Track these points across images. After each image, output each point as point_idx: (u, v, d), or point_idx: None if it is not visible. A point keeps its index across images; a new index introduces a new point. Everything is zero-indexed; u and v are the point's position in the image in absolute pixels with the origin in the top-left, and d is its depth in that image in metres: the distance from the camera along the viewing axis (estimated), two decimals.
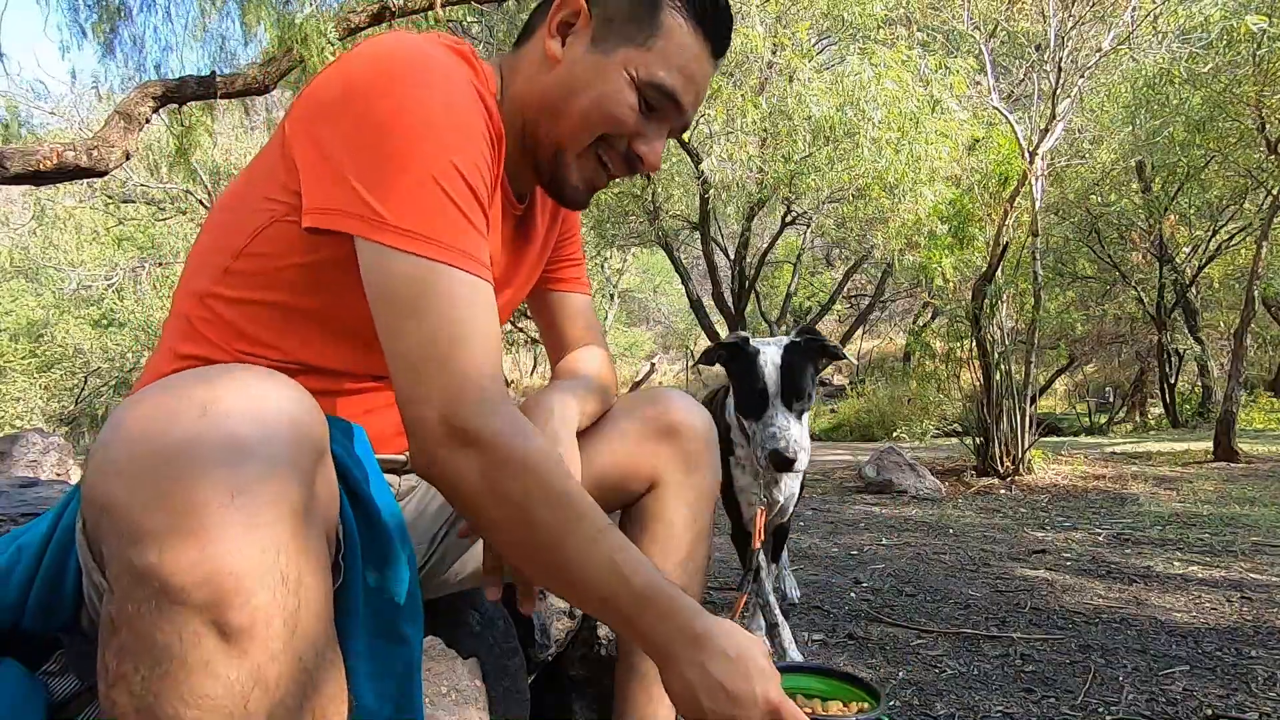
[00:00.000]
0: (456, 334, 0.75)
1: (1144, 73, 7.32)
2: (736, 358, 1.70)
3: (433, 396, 0.75)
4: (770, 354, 1.63)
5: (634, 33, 0.90)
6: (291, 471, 0.60)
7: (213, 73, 5.23)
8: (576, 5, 0.91)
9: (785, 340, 1.68)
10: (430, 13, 5.47)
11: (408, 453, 0.99)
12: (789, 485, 1.91)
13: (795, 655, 1.86)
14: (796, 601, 2.44)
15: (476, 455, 0.75)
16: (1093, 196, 11.05)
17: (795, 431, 1.58)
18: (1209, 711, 1.54)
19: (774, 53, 7.70)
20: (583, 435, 1.06)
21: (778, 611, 1.92)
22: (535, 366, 21.60)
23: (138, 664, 0.55)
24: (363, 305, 0.78)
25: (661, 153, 0.97)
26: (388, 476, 0.98)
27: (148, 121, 5.13)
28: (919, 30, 8.09)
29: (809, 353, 1.66)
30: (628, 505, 1.12)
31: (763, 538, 1.72)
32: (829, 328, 20.52)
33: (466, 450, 0.75)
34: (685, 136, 8.24)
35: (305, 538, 0.61)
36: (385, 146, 0.75)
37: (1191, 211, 11.38)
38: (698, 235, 11.24)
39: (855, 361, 17.61)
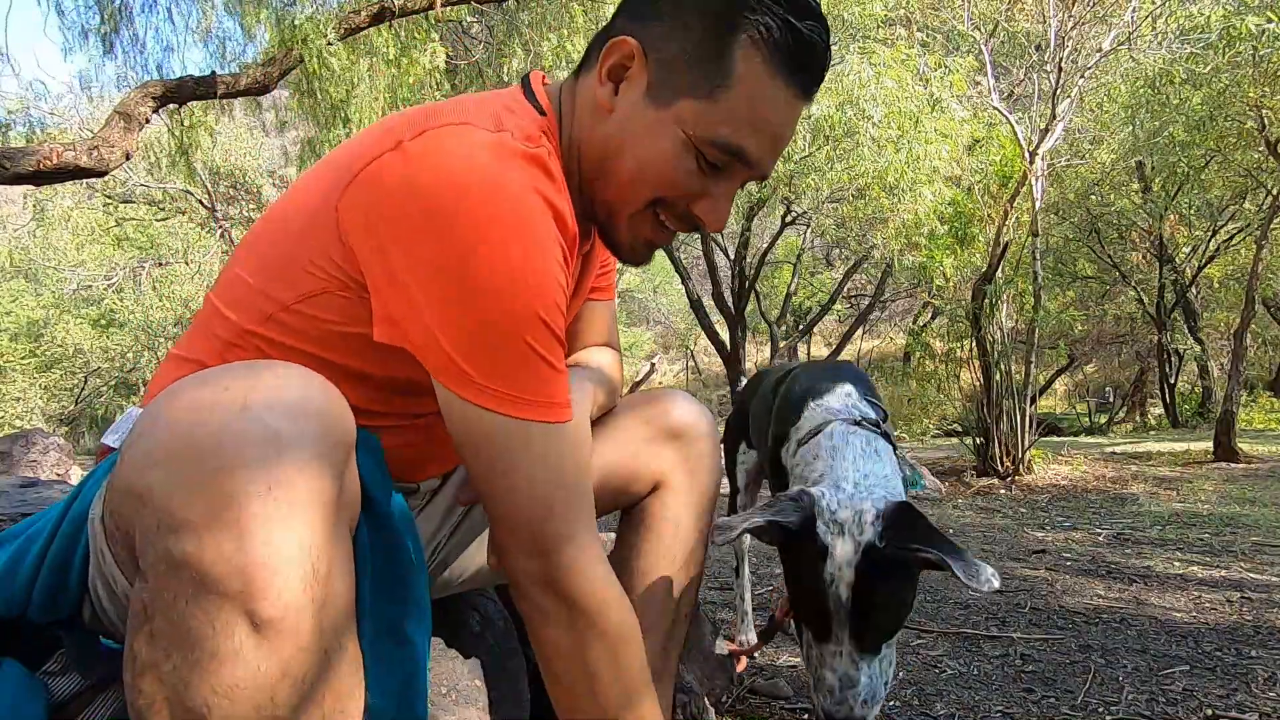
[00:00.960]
0: (547, 493, 0.77)
1: (1144, 73, 7.33)
2: (789, 546, 1.11)
3: (529, 549, 0.78)
4: (843, 553, 1.06)
5: (698, 82, 0.79)
6: (325, 466, 0.60)
7: (213, 73, 5.23)
8: (629, 49, 0.81)
9: (868, 537, 1.05)
10: (430, 13, 5.47)
11: (428, 479, 1.00)
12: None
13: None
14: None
15: (568, 611, 0.79)
16: (1093, 196, 11.07)
17: (864, 684, 1.09)
18: (1209, 711, 1.54)
19: None
20: None
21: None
22: None
23: (169, 652, 0.56)
24: (421, 372, 0.76)
25: (728, 212, 0.86)
26: None
27: (148, 121, 5.13)
28: (919, 30, 8.09)
29: (900, 566, 1.07)
30: (630, 506, 1.12)
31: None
32: (829, 327, 20.54)
33: (558, 601, 0.79)
34: None
35: (335, 532, 0.61)
36: (466, 297, 0.72)
37: (1191, 211, 11.39)
38: (698, 235, 11.25)
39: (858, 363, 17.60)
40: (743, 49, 0.78)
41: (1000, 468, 5.39)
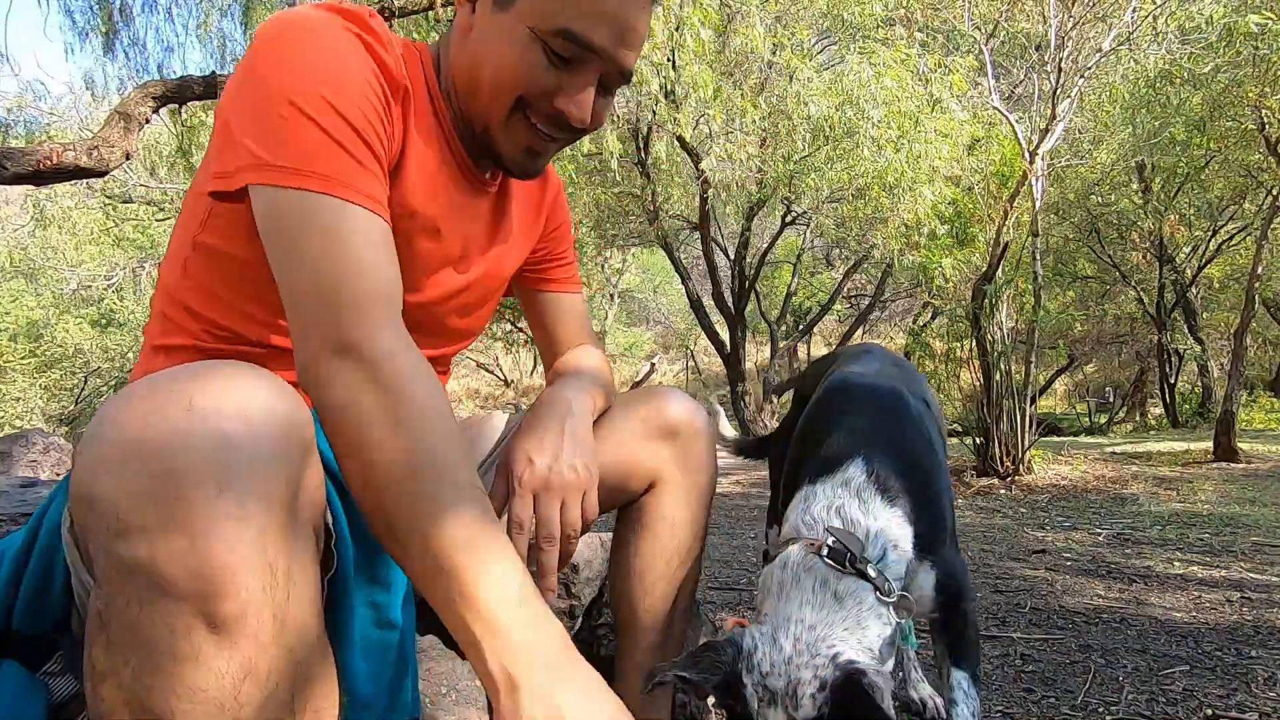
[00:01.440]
0: (335, 270, 0.73)
1: (1144, 73, 7.33)
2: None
3: (318, 321, 0.73)
4: None
5: None
6: (278, 465, 0.60)
7: (213, 73, 5.23)
8: None
9: (806, 715, 0.87)
10: (430, 13, 5.46)
11: None
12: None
13: None
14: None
15: (352, 366, 0.71)
16: (1093, 196, 11.06)
17: None
18: (1209, 711, 1.54)
19: (774, 53, 7.70)
20: None
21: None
22: (535, 366, 21.60)
23: (127, 658, 0.55)
24: None
25: (590, 104, 0.88)
26: None
27: (148, 121, 5.12)
28: (919, 30, 8.09)
29: None
30: (627, 504, 1.12)
31: None
32: (829, 327, 20.52)
33: (343, 360, 0.71)
34: (685, 136, 8.24)
35: (294, 530, 0.61)
36: (262, 93, 0.76)
37: (1191, 211, 11.38)
38: (698, 235, 11.25)
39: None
40: None
41: (1000, 468, 5.39)
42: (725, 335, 12.28)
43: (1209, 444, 6.45)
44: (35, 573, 0.74)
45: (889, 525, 1.03)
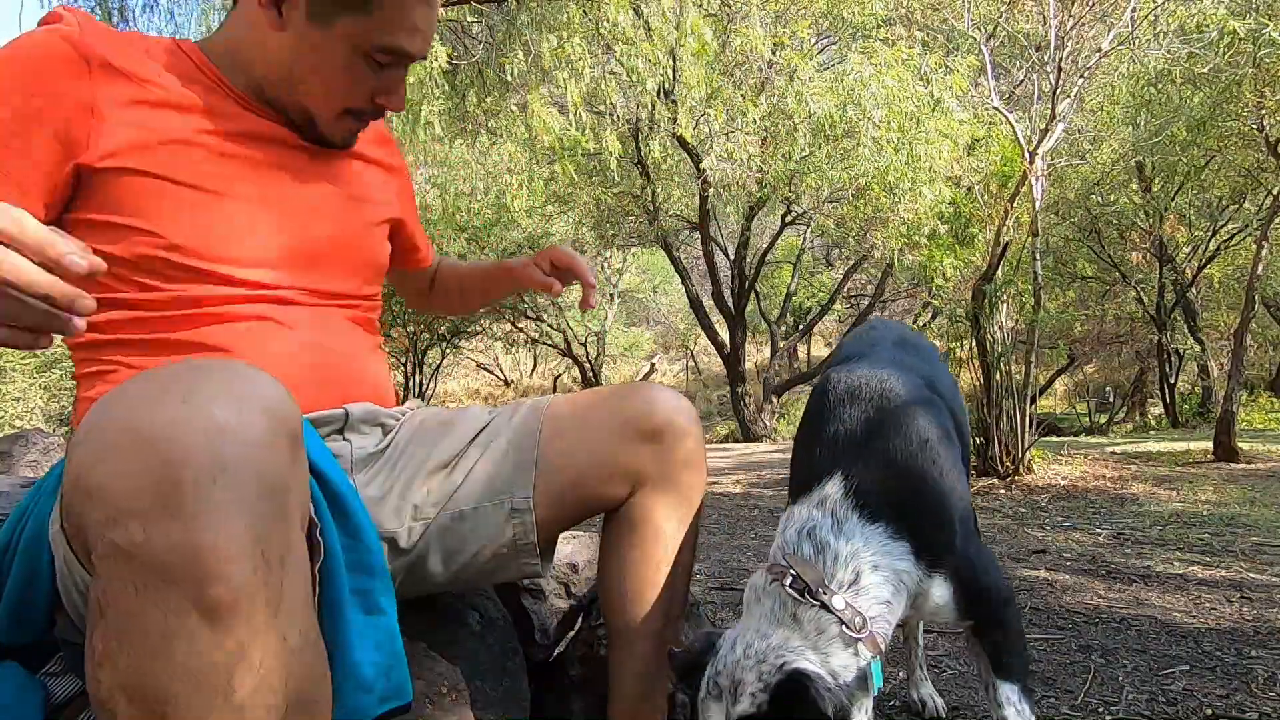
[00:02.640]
0: None
1: (1144, 73, 7.33)
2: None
3: None
4: None
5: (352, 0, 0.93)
6: (272, 454, 0.61)
7: None
8: None
9: (743, 709, 0.90)
10: None
11: (345, 408, 1.03)
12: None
13: None
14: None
15: None
16: (1093, 196, 11.05)
17: None
18: (1209, 711, 1.54)
19: (774, 52, 7.70)
20: (559, 435, 1.05)
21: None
22: (535, 366, 21.60)
23: (122, 642, 0.56)
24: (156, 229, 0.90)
25: (404, 93, 1.03)
26: (333, 447, 1.00)
27: None
28: (919, 30, 8.09)
29: None
30: (613, 509, 1.09)
31: None
32: (829, 327, 20.53)
33: None
34: (686, 136, 8.24)
35: (286, 518, 0.62)
36: None
37: (1191, 211, 11.38)
38: (698, 235, 11.25)
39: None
40: None
41: (1000, 468, 5.39)
42: (725, 335, 12.29)
43: (1209, 444, 6.44)
44: (18, 582, 0.74)
45: (866, 545, 0.97)
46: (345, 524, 0.77)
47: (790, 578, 0.94)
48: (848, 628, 0.92)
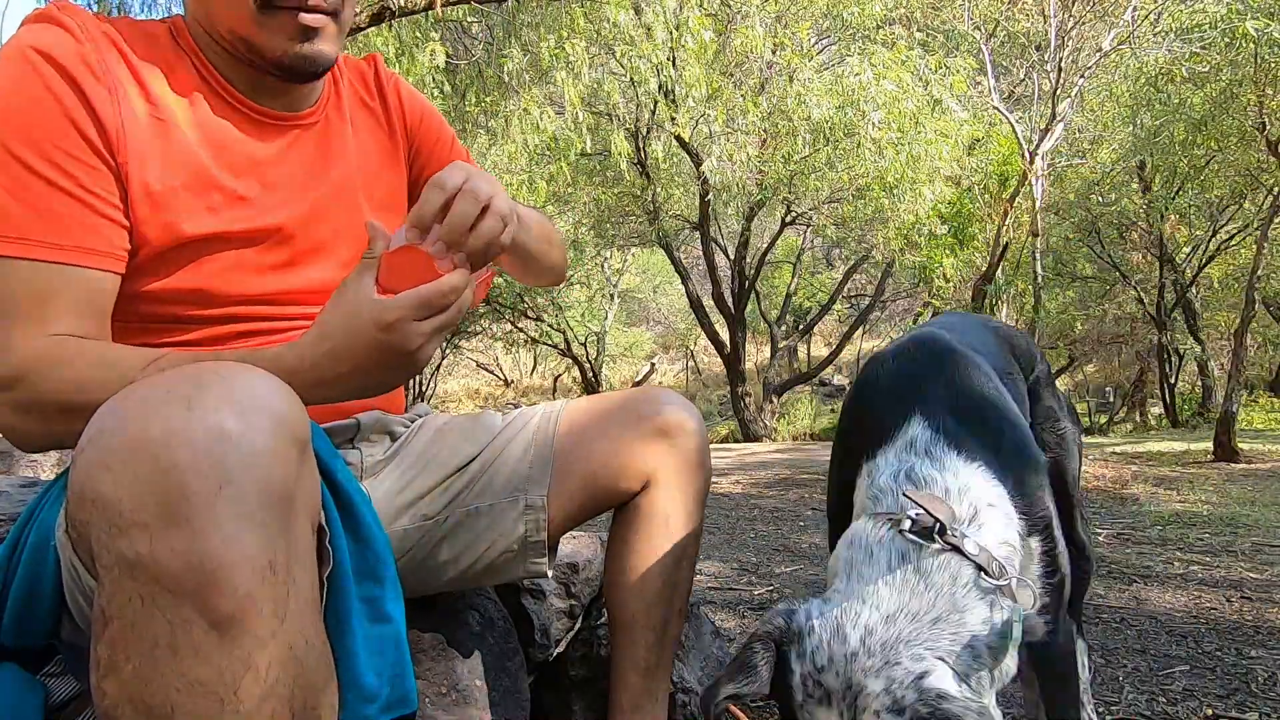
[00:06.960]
0: None
1: (1145, 72, 7.32)
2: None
3: None
4: None
5: None
6: (277, 462, 0.60)
7: None
8: None
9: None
10: (430, 12, 5.46)
11: (356, 418, 1.02)
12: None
13: None
14: None
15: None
16: (1093, 196, 11.05)
17: None
18: (1209, 711, 1.54)
19: (774, 53, 7.70)
20: (574, 434, 1.09)
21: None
22: (535, 366, 21.60)
23: (129, 653, 0.56)
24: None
25: None
26: (346, 455, 1.00)
27: None
28: (919, 30, 8.09)
29: None
30: (622, 503, 1.13)
31: None
32: (829, 327, 20.53)
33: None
34: (686, 137, 8.24)
35: (293, 526, 0.62)
36: None
37: (1191, 211, 11.38)
38: (698, 235, 11.25)
39: (856, 361, 17.61)
40: None
41: None
42: (725, 335, 12.28)
43: (1209, 444, 6.44)
44: (21, 589, 0.74)
45: (974, 480, 0.82)
46: (355, 531, 0.77)
47: (909, 521, 0.78)
48: (986, 573, 0.76)
